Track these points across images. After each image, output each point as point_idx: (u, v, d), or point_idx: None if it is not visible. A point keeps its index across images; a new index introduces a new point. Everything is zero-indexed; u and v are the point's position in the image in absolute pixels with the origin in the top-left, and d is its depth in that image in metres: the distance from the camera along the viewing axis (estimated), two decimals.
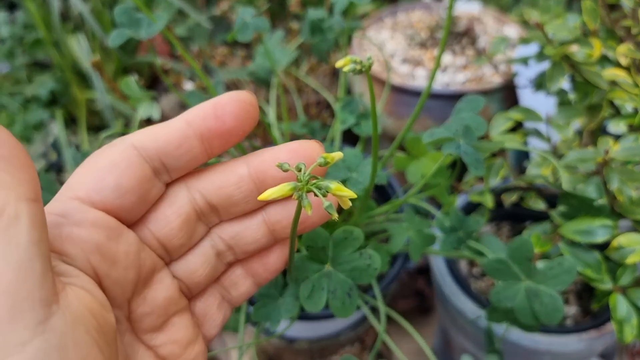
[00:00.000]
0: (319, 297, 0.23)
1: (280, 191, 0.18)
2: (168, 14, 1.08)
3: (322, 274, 0.23)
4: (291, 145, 0.20)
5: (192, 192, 0.20)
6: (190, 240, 0.21)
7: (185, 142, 0.19)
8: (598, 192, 0.39)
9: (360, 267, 0.22)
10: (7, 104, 0.95)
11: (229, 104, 0.19)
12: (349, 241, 0.23)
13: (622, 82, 0.45)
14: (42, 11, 0.94)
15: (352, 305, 0.23)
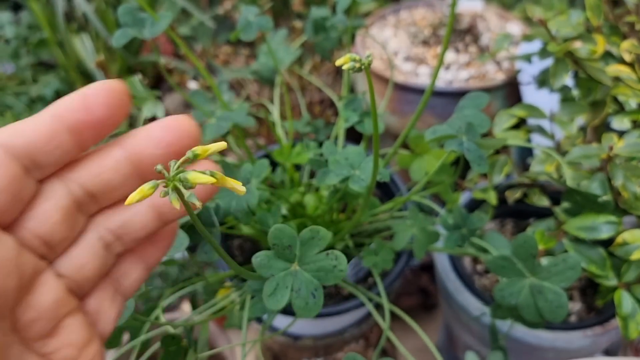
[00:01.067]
0: (281, 296, 0.22)
1: (142, 193, 0.17)
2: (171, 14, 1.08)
3: (288, 273, 0.23)
4: (165, 121, 0.20)
5: (68, 183, 0.20)
6: (73, 233, 0.20)
7: (55, 137, 0.18)
8: (602, 188, 0.39)
9: (326, 268, 0.22)
10: (12, 104, 0.96)
11: (99, 94, 0.18)
12: (315, 241, 0.22)
13: (626, 78, 0.45)
14: (46, 11, 0.94)
15: (316, 306, 0.22)
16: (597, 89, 0.46)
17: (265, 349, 0.51)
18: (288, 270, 0.23)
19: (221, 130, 0.37)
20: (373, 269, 0.38)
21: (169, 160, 0.18)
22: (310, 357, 0.48)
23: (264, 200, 0.39)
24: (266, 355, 0.51)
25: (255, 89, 0.77)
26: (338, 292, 0.42)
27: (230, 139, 0.44)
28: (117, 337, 0.37)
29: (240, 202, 0.31)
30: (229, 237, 0.47)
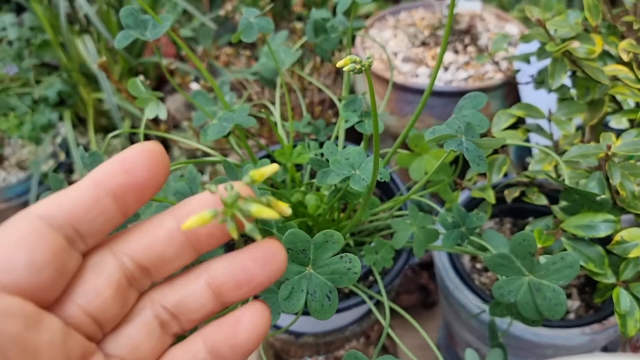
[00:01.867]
0: (297, 299, 0.23)
1: (202, 218, 0.17)
2: (173, 16, 1.09)
3: (302, 276, 0.23)
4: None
5: (119, 256, 0.19)
6: (124, 310, 0.19)
7: (97, 204, 0.17)
8: (600, 187, 0.39)
9: (341, 270, 0.22)
10: (15, 105, 0.97)
11: (138, 156, 0.18)
12: (330, 244, 0.23)
13: (624, 77, 0.45)
14: (48, 13, 0.95)
15: (331, 308, 0.23)
16: (595, 88, 0.47)
17: (267, 347, 0.52)
18: (303, 274, 0.23)
19: (223, 131, 0.38)
20: (373, 267, 0.39)
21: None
22: (311, 354, 0.49)
23: None
24: (268, 352, 0.52)
25: (256, 89, 0.78)
26: (339, 290, 0.43)
27: (232, 139, 0.45)
28: None
29: None
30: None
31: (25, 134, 0.95)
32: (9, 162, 1.06)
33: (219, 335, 0.19)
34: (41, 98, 0.99)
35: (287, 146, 0.43)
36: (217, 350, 0.19)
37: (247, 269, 0.19)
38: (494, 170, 0.44)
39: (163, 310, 0.20)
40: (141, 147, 0.18)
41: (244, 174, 0.34)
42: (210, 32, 1.10)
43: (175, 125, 0.98)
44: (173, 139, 0.53)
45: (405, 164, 0.40)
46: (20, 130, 0.94)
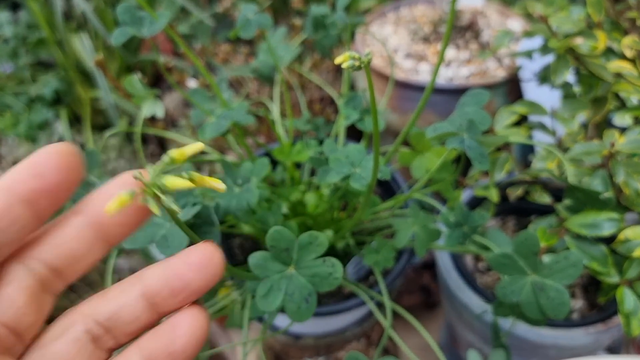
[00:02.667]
0: (274, 298, 0.22)
1: (121, 200, 0.17)
2: (170, 12, 1.08)
3: (283, 275, 0.23)
4: (121, 179, 0.19)
5: (28, 262, 0.18)
6: (41, 316, 0.18)
7: (9, 211, 0.17)
8: (604, 185, 0.38)
9: (322, 274, 0.22)
10: (11, 104, 0.96)
11: (48, 159, 0.17)
12: (313, 246, 0.22)
13: (628, 74, 0.44)
14: (45, 11, 0.94)
15: (308, 311, 0.22)
16: (599, 85, 0.46)
17: (266, 348, 0.51)
18: (283, 273, 0.23)
19: (221, 129, 0.37)
20: (374, 267, 0.38)
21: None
22: (311, 356, 0.48)
23: (265, 198, 0.39)
24: (267, 354, 0.51)
25: (255, 87, 0.77)
26: (339, 291, 0.42)
27: (231, 138, 0.44)
28: None
29: (240, 200, 0.31)
30: (229, 236, 0.47)
31: (22, 133, 0.94)
32: (6, 161, 1.05)
33: (155, 344, 0.19)
34: (37, 96, 0.98)
35: (286, 144, 0.42)
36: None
37: (181, 275, 0.19)
38: (497, 168, 0.44)
39: (95, 325, 0.19)
40: (50, 149, 0.18)
41: (242, 173, 0.33)
42: (208, 29, 1.09)
43: (173, 123, 0.97)
44: (170, 137, 0.52)
45: (406, 162, 0.40)
46: (16, 129, 0.94)
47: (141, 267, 0.68)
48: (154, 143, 1.04)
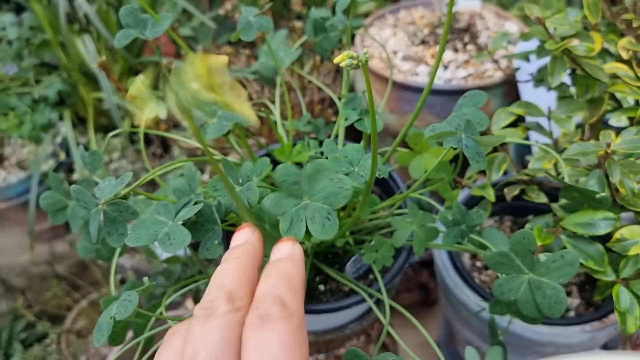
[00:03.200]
0: (298, 228, 0.23)
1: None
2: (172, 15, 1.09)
3: (300, 207, 0.24)
4: None
5: None
6: None
7: None
8: (600, 184, 0.39)
9: (334, 192, 0.23)
10: (15, 105, 0.97)
11: None
12: (321, 173, 0.24)
13: (624, 75, 0.45)
14: (48, 13, 0.95)
15: (332, 227, 0.23)
16: (595, 86, 0.47)
17: None
18: (299, 205, 0.24)
19: (223, 129, 0.38)
20: (373, 266, 0.39)
21: None
22: (312, 352, 0.49)
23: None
24: None
25: (256, 88, 0.78)
26: (339, 289, 0.43)
27: (232, 138, 0.45)
28: (121, 334, 0.38)
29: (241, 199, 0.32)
30: (230, 234, 0.48)
31: (25, 134, 0.95)
32: (9, 161, 1.06)
33: None
34: (41, 97, 0.99)
35: (287, 145, 0.43)
36: None
37: None
38: (494, 168, 0.44)
39: None
40: None
41: (243, 172, 0.34)
42: (210, 31, 1.10)
43: (176, 124, 0.98)
44: (173, 138, 0.53)
45: (405, 162, 0.40)
46: (20, 130, 0.94)
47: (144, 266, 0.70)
48: (157, 144, 1.05)
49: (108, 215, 0.30)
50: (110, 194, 0.30)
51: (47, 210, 0.39)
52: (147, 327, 0.39)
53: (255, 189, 0.32)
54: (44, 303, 1.19)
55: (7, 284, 1.19)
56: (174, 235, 0.28)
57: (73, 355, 1.06)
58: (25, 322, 1.16)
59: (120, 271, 0.97)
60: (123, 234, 0.31)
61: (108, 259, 0.43)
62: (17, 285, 1.18)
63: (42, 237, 1.15)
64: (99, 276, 1.17)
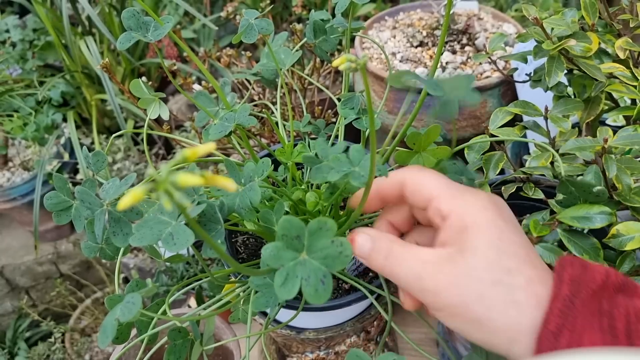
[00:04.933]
0: (292, 285, 0.23)
1: (134, 196, 0.18)
2: (174, 17, 1.10)
3: (297, 262, 0.23)
4: None
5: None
6: None
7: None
8: (596, 180, 0.39)
9: (333, 255, 0.23)
10: (19, 107, 0.97)
11: None
12: (323, 231, 0.23)
13: (620, 75, 0.45)
14: (51, 15, 0.96)
15: (325, 292, 0.23)
16: (591, 86, 0.47)
17: (269, 342, 0.53)
18: (297, 260, 0.23)
19: (225, 130, 0.38)
20: None
21: None
22: (313, 349, 0.49)
23: (267, 197, 0.40)
24: (270, 348, 0.52)
25: (257, 90, 0.78)
26: (339, 286, 0.43)
27: (234, 139, 0.46)
28: (126, 332, 0.38)
29: (243, 199, 0.33)
30: (233, 233, 0.48)
31: (29, 135, 0.96)
32: (14, 162, 1.07)
33: None
34: (45, 99, 1.00)
35: (288, 145, 0.43)
36: None
37: None
38: (491, 166, 0.45)
39: None
40: None
41: (246, 172, 0.34)
42: (212, 34, 1.11)
43: (178, 126, 0.99)
44: (175, 139, 0.54)
45: (404, 161, 0.41)
46: (24, 131, 0.95)
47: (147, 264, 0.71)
48: (159, 144, 1.06)
49: (113, 215, 0.31)
50: (115, 194, 0.31)
51: (51, 210, 0.40)
52: (150, 325, 0.39)
53: (258, 189, 0.33)
54: (48, 302, 1.20)
55: (12, 284, 1.20)
56: (178, 235, 0.28)
57: (77, 353, 1.07)
58: (30, 321, 1.17)
59: (123, 270, 0.98)
60: (128, 234, 0.31)
61: (112, 258, 0.44)
62: (21, 284, 1.19)
63: (47, 236, 1.16)
64: (102, 275, 1.18)
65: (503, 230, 0.26)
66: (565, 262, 0.27)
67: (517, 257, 0.26)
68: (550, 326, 0.24)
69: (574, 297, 0.25)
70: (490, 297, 0.25)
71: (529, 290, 0.25)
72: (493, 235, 0.26)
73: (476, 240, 0.26)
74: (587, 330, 0.24)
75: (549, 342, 0.24)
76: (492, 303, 0.25)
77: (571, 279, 0.25)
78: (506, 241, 0.26)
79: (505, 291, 0.25)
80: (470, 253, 0.26)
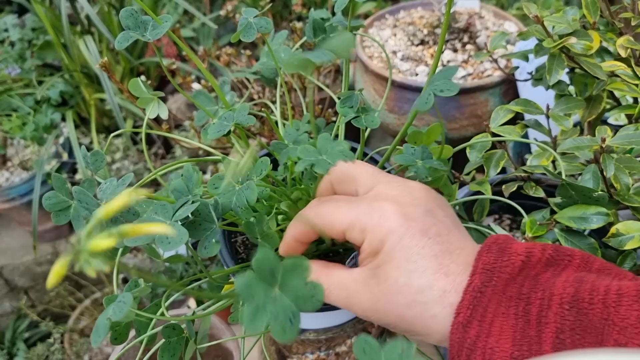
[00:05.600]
0: (260, 320, 0.22)
1: (57, 273, 0.17)
2: (174, 16, 1.10)
3: (268, 297, 0.22)
4: None
5: None
6: None
7: None
8: (595, 179, 0.39)
9: (305, 296, 0.22)
10: (18, 106, 0.97)
11: None
12: (299, 271, 0.22)
13: (622, 73, 0.45)
14: (50, 14, 0.95)
15: (292, 331, 0.22)
16: (593, 84, 0.47)
17: (269, 343, 0.52)
18: (268, 294, 0.22)
19: (224, 130, 0.38)
20: None
21: None
22: (313, 350, 0.49)
23: (266, 197, 0.40)
24: (270, 349, 0.52)
25: (257, 89, 0.78)
26: None
27: (233, 138, 0.45)
28: (124, 333, 0.38)
29: (240, 197, 0.32)
30: (233, 233, 0.48)
31: (28, 135, 0.96)
32: (12, 162, 1.07)
33: None
34: (43, 99, 1.00)
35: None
36: None
37: None
38: (492, 164, 0.45)
39: None
40: None
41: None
42: (211, 32, 1.11)
43: (177, 125, 0.99)
44: (175, 138, 0.53)
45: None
46: (23, 131, 0.95)
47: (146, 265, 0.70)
48: (158, 144, 1.05)
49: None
50: (112, 194, 0.31)
51: (50, 210, 0.39)
52: (149, 326, 0.39)
53: (254, 187, 0.32)
54: (47, 302, 1.20)
55: (11, 284, 1.19)
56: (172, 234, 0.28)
57: (76, 354, 1.06)
58: (29, 322, 1.17)
59: (122, 270, 0.97)
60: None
61: (111, 258, 0.43)
62: (20, 284, 1.19)
63: (45, 237, 1.16)
64: (101, 275, 1.18)
65: (411, 248, 0.27)
66: (482, 250, 0.27)
67: (428, 272, 0.26)
68: (460, 318, 0.25)
69: (485, 287, 0.25)
70: (409, 318, 0.26)
71: (443, 302, 0.26)
72: (401, 258, 0.27)
73: (386, 265, 0.27)
74: (498, 317, 0.25)
75: (458, 333, 0.25)
76: (412, 321, 0.26)
77: (484, 268, 0.26)
78: (415, 258, 0.27)
79: (421, 309, 0.26)
80: (383, 279, 0.27)
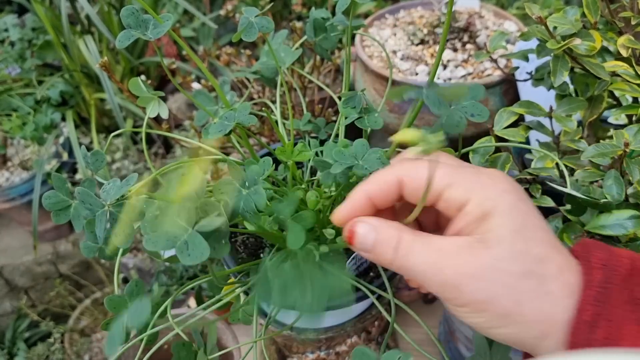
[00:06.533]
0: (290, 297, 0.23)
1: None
2: (174, 16, 1.09)
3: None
4: None
5: None
6: None
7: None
8: (618, 185, 0.38)
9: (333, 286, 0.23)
10: (18, 106, 0.97)
11: None
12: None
13: (623, 73, 0.45)
14: (50, 14, 0.95)
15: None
16: (594, 84, 0.47)
17: (269, 343, 0.52)
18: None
19: (224, 129, 0.38)
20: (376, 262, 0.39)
21: None
22: (313, 350, 0.49)
23: (268, 197, 0.40)
24: (270, 348, 0.52)
25: (257, 88, 0.78)
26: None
27: (234, 138, 0.45)
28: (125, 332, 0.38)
29: (248, 202, 0.32)
30: (233, 233, 0.48)
31: (28, 134, 0.96)
32: (12, 162, 1.07)
33: None
34: (43, 98, 1.00)
35: (288, 144, 0.43)
36: None
37: None
38: (498, 167, 0.45)
39: None
40: None
41: (249, 175, 0.34)
42: (211, 32, 1.11)
43: (178, 125, 0.99)
44: (175, 138, 0.53)
45: None
46: (23, 131, 0.95)
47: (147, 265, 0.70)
48: (158, 143, 1.05)
49: (114, 216, 0.30)
50: (116, 195, 0.31)
51: (50, 210, 0.39)
52: (150, 325, 0.39)
53: (263, 192, 0.32)
54: (47, 302, 1.20)
55: (11, 284, 1.19)
56: (193, 245, 0.27)
57: (76, 353, 1.06)
58: (29, 321, 1.17)
59: (123, 270, 0.97)
60: (129, 235, 0.31)
61: (111, 258, 0.43)
62: (20, 284, 1.19)
63: (46, 236, 1.16)
64: (102, 275, 1.17)
65: (527, 215, 0.24)
66: (589, 245, 0.24)
67: (545, 244, 0.23)
68: (585, 316, 0.22)
69: (608, 284, 0.22)
70: (521, 289, 0.22)
71: (561, 279, 0.23)
72: (517, 221, 0.23)
73: (500, 228, 0.23)
74: (625, 320, 0.22)
75: (583, 334, 0.22)
76: (524, 296, 0.22)
77: (602, 264, 0.23)
78: (532, 227, 0.24)
79: (537, 282, 0.22)
80: (495, 242, 0.23)
